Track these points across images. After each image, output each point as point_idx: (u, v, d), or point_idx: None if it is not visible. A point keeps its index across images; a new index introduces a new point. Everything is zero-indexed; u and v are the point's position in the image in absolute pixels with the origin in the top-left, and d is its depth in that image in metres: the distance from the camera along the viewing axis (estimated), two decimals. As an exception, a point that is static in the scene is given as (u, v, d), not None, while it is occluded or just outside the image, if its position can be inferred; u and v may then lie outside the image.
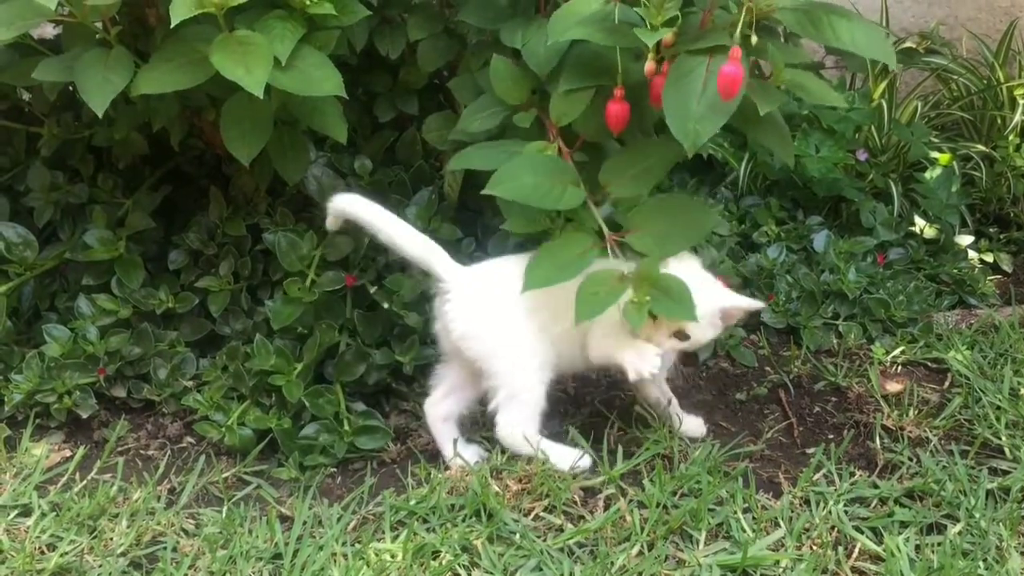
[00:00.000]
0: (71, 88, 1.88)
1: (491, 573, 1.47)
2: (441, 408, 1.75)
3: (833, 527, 1.57)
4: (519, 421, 1.67)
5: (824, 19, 1.48)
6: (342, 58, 1.77)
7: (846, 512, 1.60)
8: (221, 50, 1.52)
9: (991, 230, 2.57)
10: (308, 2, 1.61)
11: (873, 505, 1.63)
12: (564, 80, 1.65)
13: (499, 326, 1.67)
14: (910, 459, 1.73)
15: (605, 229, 1.60)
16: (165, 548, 1.55)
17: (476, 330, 1.67)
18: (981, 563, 1.49)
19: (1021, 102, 2.64)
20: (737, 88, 1.41)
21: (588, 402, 1.87)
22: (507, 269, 1.68)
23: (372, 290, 1.89)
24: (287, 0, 1.60)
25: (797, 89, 1.59)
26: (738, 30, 1.42)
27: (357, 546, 1.53)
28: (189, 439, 1.83)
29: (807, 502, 1.63)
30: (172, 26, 1.47)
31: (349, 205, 1.72)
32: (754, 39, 1.43)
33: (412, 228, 1.71)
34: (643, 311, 1.51)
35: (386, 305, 1.86)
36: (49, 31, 1.90)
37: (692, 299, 1.52)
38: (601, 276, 1.54)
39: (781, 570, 1.48)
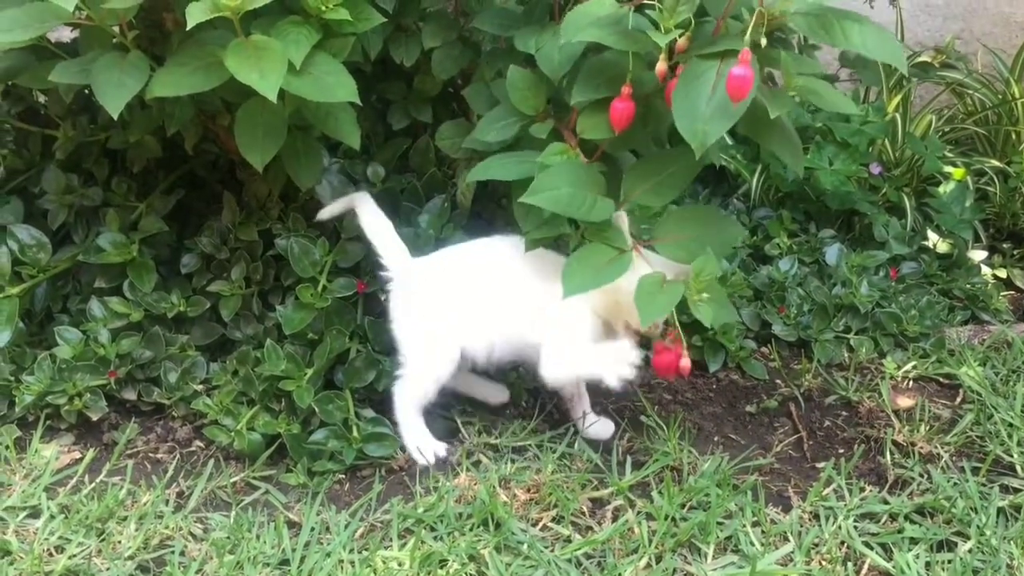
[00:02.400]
0: (87, 91, 1.88)
1: (498, 583, 1.47)
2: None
3: (843, 542, 1.56)
4: (412, 396, 1.78)
5: (835, 23, 1.48)
6: (357, 65, 1.77)
7: (856, 527, 1.59)
8: (236, 54, 1.52)
9: (1005, 246, 2.56)
10: (323, 8, 1.61)
11: (883, 521, 1.62)
12: (577, 91, 1.65)
13: (422, 319, 1.77)
14: (921, 475, 1.73)
15: (630, 240, 1.60)
16: (173, 552, 1.55)
17: (403, 318, 1.79)
18: (992, 581, 1.48)
19: (1035, 117, 2.63)
20: (747, 90, 1.41)
21: (597, 412, 1.86)
22: (450, 263, 1.78)
23: (383, 297, 1.89)
24: (303, 6, 1.61)
25: (810, 96, 1.58)
26: (748, 33, 1.42)
27: (364, 553, 1.53)
28: (198, 443, 1.83)
29: (816, 517, 1.62)
30: (188, 29, 1.47)
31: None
32: (763, 41, 1.42)
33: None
34: (710, 308, 1.53)
35: (397, 312, 1.86)
36: (66, 34, 1.91)
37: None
38: (654, 280, 1.54)
39: (790, 585, 1.48)
